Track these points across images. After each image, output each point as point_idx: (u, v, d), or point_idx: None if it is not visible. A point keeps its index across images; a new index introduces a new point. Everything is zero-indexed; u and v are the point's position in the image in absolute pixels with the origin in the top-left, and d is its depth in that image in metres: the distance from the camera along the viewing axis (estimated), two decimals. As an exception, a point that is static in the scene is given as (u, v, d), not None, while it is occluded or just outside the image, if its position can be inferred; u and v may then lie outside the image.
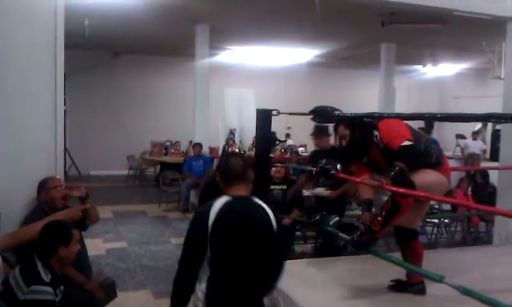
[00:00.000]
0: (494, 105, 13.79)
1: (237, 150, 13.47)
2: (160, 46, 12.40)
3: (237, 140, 14.60)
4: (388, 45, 11.32)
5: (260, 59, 13.30)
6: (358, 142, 3.51)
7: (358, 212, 6.78)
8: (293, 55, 12.86)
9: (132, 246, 6.96)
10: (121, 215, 8.87)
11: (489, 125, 13.22)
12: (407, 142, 3.24)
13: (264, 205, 2.57)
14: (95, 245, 6.60)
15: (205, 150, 10.29)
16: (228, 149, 13.58)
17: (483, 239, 7.12)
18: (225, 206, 2.48)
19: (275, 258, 2.58)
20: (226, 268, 2.46)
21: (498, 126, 13.28)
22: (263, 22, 9.45)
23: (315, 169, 3.96)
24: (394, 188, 3.08)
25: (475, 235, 7.27)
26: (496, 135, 13.45)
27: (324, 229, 3.90)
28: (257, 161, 4.32)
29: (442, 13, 5.93)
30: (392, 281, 3.74)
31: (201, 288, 2.45)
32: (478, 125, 13.37)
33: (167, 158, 12.18)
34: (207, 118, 10.27)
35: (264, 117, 4.35)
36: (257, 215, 2.54)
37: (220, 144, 13.88)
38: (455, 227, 7.32)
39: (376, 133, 3.44)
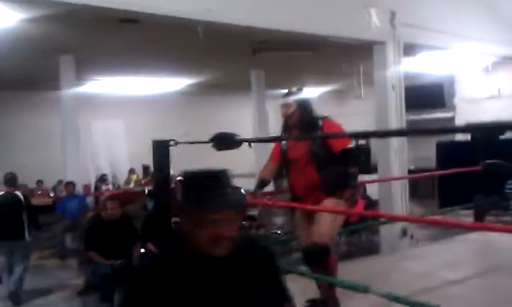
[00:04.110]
0: (353, 122, 14.99)
1: (111, 187, 12.86)
2: (20, 79, 11.40)
3: (110, 175, 13.93)
4: (257, 72, 11.70)
5: (129, 89, 12.86)
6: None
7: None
8: (165, 84, 12.66)
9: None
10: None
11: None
12: None
13: (18, 193, 6.53)
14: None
15: (79, 189, 9.59)
16: (101, 186, 12.89)
17: (371, 250, 7.53)
18: (1, 195, 6.48)
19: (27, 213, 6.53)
20: None
21: (361, 142, 14.40)
22: (132, 52, 9.19)
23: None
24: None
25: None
26: (360, 149, 14.57)
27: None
28: (157, 192, 4.11)
29: (316, 39, 6.26)
30: (307, 302, 3.74)
31: None
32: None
33: (33, 201, 11.10)
34: (77, 154, 9.63)
35: (161, 148, 4.16)
36: (13, 197, 6.41)
37: (91, 180, 13.11)
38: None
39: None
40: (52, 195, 11.51)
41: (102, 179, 13.18)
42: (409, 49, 6.79)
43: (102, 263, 5.58)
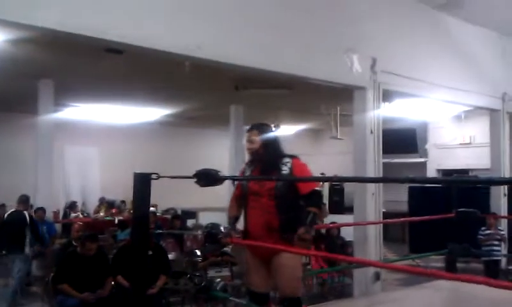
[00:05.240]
0: (328, 161, 15.16)
1: (80, 214, 12.59)
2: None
3: (80, 202, 13.65)
4: (236, 107, 11.79)
5: (106, 116, 12.74)
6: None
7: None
8: (142, 113, 12.60)
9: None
10: None
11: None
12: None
13: (25, 212, 7.64)
14: None
15: (48, 215, 9.38)
16: (70, 213, 12.61)
17: (345, 292, 7.52)
18: (10, 213, 7.80)
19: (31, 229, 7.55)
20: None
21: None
22: (113, 81, 9.19)
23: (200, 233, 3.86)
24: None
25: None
26: (333, 190, 14.70)
27: (214, 295, 3.76)
28: (135, 227, 4.04)
29: (298, 80, 6.37)
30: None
31: None
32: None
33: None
34: (50, 179, 9.46)
35: (142, 181, 4.11)
36: (21, 215, 7.53)
37: (61, 206, 12.82)
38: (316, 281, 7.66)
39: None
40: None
41: (72, 206, 12.92)
42: (386, 95, 6.97)
43: (73, 295, 5.45)
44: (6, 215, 7.84)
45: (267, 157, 3.65)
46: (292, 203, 3.52)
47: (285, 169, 3.57)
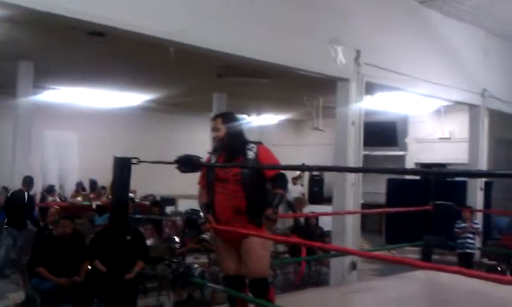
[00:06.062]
0: (310, 152, 15.22)
1: (58, 199, 12.45)
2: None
3: (57, 186, 13.49)
4: (219, 95, 11.74)
5: (86, 100, 12.57)
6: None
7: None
8: (123, 98, 12.47)
9: None
10: None
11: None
12: None
13: (25, 193, 8.26)
14: None
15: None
16: (47, 197, 12.47)
17: (321, 281, 7.60)
18: (13, 192, 8.43)
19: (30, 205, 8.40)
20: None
21: (315, 173, 14.65)
22: (95, 64, 9.07)
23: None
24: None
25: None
26: (313, 180, 14.79)
27: (193, 281, 3.76)
28: (114, 212, 4.02)
29: (282, 70, 6.34)
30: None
31: None
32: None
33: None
34: (28, 162, 9.33)
35: (122, 166, 4.08)
36: (21, 194, 8.24)
37: (38, 190, 12.65)
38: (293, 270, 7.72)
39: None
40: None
41: (49, 190, 12.76)
42: (368, 88, 7.01)
43: (48, 278, 5.40)
44: (9, 194, 8.66)
45: (232, 143, 3.69)
46: (258, 186, 3.60)
47: (251, 154, 3.64)
